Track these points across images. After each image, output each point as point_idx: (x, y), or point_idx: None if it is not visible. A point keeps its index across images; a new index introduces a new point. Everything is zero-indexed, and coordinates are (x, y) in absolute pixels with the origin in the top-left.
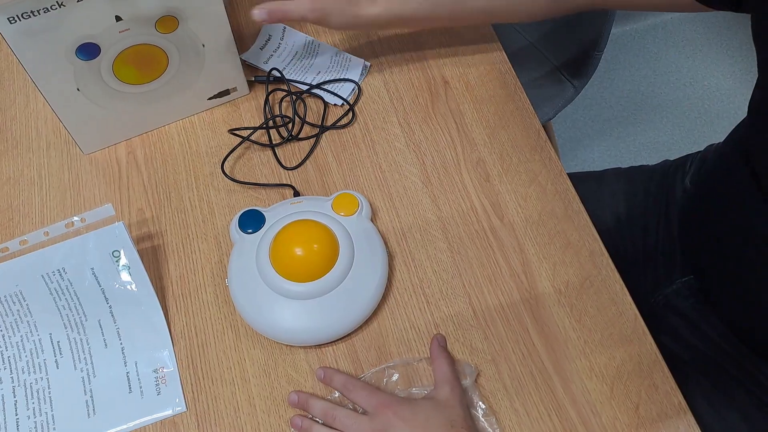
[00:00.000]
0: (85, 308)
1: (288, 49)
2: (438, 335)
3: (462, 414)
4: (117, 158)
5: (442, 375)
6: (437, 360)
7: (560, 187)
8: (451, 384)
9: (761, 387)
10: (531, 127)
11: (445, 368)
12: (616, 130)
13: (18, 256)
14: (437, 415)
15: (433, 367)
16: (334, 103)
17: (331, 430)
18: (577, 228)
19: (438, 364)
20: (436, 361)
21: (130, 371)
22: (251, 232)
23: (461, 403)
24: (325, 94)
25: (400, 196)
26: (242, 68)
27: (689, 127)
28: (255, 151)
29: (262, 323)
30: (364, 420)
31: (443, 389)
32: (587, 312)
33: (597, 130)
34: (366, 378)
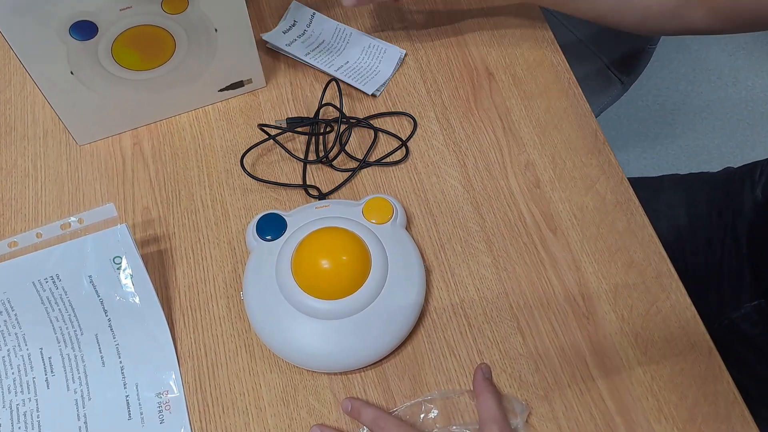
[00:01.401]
0: (81, 321)
1: (315, 36)
2: (482, 365)
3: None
4: (121, 150)
5: (488, 413)
6: (482, 395)
7: (622, 196)
8: (498, 424)
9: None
10: (587, 126)
11: (492, 405)
12: (652, 132)
13: (7, 260)
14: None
15: (478, 402)
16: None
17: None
18: (642, 244)
19: (483, 399)
20: (480, 396)
21: (129, 394)
22: (270, 239)
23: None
24: (378, 124)
25: (438, 202)
26: (259, 57)
27: (731, 131)
28: (276, 147)
29: (281, 344)
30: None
31: (489, 429)
32: (654, 342)
33: (632, 131)
34: (399, 413)
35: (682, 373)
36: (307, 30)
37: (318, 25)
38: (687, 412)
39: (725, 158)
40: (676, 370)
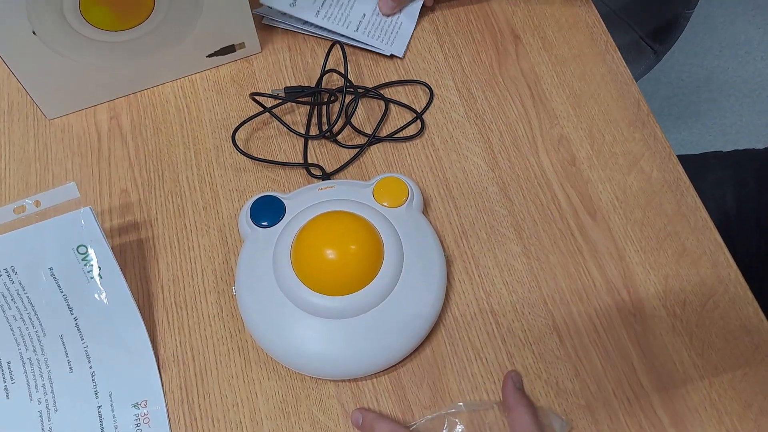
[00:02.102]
0: (43, 320)
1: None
2: (513, 373)
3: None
4: (96, 125)
5: (522, 430)
6: (515, 409)
7: (670, 175)
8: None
9: None
10: (628, 95)
11: (526, 420)
12: (676, 110)
13: None
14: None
15: (510, 417)
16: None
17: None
18: (694, 230)
19: (516, 414)
20: (513, 410)
21: (102, 405)
22: (267, 225)
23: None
24: (389, 95)
25: (458, 183)
26: (253, 18)
27: (760, 109)
28: (272, 121)
29: (279, 347)
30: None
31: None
32: (712, 343)
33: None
34: (418, 427)
35: (745, 378)
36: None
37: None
38: (752, 424)
39: (755, 136)
40: (738, 375)
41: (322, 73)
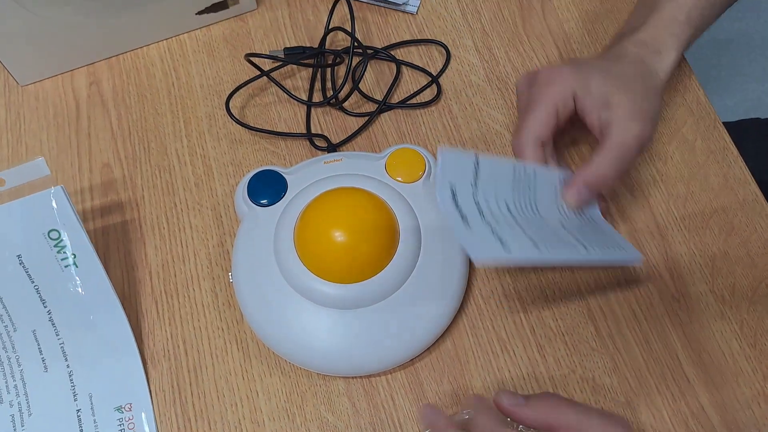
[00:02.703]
0: (12, 313)
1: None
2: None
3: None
4: (74, 91)
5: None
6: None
7: (716, 144)
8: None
9: None
10: None
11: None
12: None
13: None
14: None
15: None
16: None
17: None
18: (743, 205)
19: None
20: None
21: (82, 409)
22: (267, 203)
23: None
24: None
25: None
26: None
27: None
28: (271, 86)
29: (282, 340)
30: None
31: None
32: (766, 332)
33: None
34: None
35: None
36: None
37: None
38: None
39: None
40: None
41: (325, 32)
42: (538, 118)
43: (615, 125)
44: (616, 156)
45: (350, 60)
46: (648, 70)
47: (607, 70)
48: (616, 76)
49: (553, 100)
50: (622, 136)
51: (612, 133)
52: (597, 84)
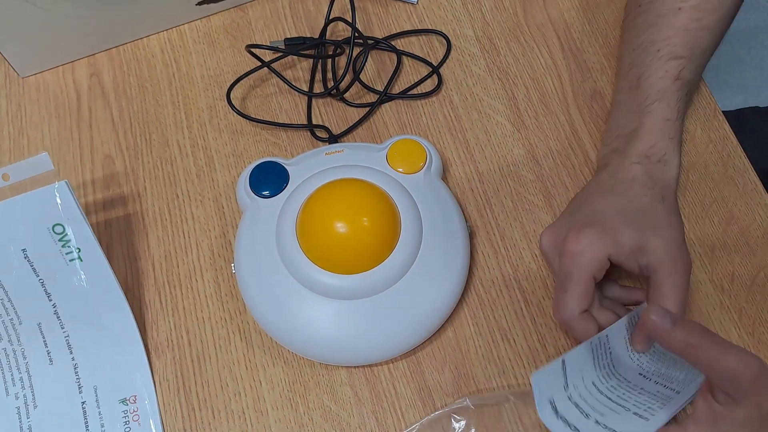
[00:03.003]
0: (18, 307)
1: None
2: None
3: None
4: (75, 83)
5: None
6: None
7: (715, 133)
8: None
9: None
10: None
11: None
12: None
13: None
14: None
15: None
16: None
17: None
18: (743, 194)
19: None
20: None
21: (87, 401)
22: (268, 195)
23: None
24: (402, 46)
25: (481, 145)
26: None
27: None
28: (272, 77)
29: (285, 331)
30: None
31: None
32: (764, 320)
33: None
34: (436, 419)
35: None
36: None
37: None
38: None
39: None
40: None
41: (326, 22)
42: (578, 293)
43: (659, 271)
44: (674, 298)
45: (351, 50)
46: (661, 188)
47: (629, 215)
48: (638, 215)
49: (590, 272)
50: (670, 279)
51: (661, 278)
52: (626, 237)
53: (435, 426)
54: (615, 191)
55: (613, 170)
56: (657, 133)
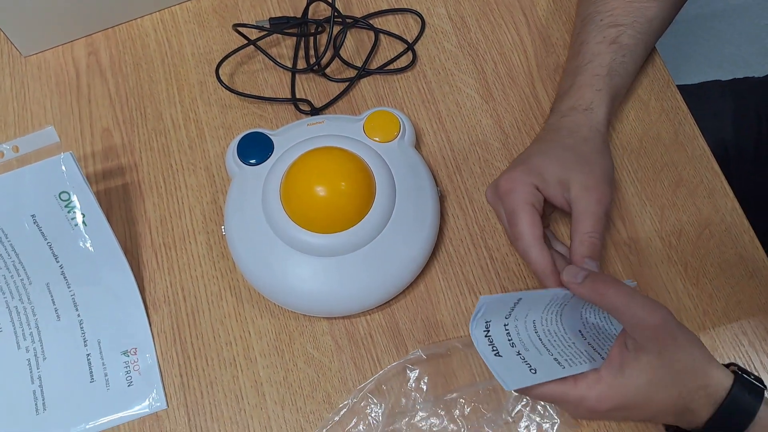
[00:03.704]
0: (28, 268)
1: None
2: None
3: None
4: (74, 61)
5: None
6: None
7: (668, 103)
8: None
9: None
10: None
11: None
12: (672, 39)
13: None
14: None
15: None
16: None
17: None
18: (692, 158)
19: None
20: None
21: (91, 353)
22: (255, 163)
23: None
24: (379, 25)
25: (452, 116)
26: None
27: (756, 36)
28: (258, 54)
29: (271, 286)
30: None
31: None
32: (707, 272)
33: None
34: (380, 378)
35: (739, 306)
36: None
37: None
38: (744, 351)
39: (753, 66)
40: (732, 302)
41: (308, 3)
42: (525, 222)
43: (577, 201)
44: (590, 225)
45: (331, 29)
46: (587, 131)
47: (552, 154)
48: (561, 155)
49: (525, 202)
50: (587, 208)
51: (578, 207)
52: (549, 172)
53: (392, 376)
54: (544, 139)
55: (546, 125)
56: (585, 87)
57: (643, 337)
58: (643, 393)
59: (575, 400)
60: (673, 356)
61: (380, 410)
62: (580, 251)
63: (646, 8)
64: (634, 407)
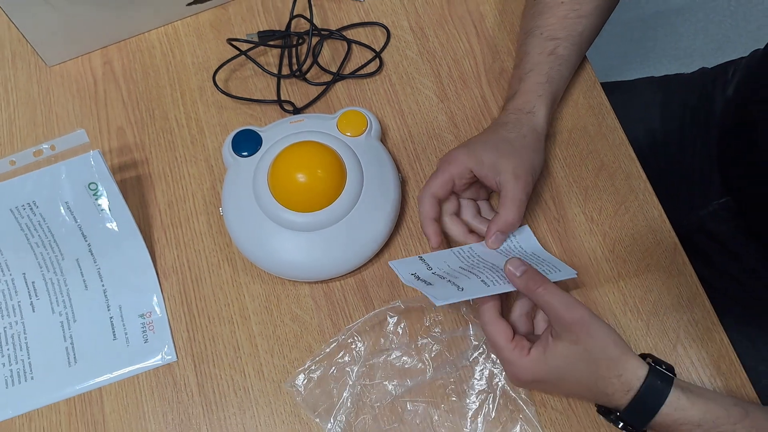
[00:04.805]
0: (61, 246)
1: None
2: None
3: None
4: (92, 69)
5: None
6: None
7: (594, 100)
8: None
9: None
10: None
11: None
12: (635, 34)
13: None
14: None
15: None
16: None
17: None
18: (612, 147)
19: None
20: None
21: (113, 316)
22: (246, 155)
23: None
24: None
25: (412, 113)
26: None
27: (713, 32)
28: (248, 62)
29: (261, 257)
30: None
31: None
32: (621, 240)
33: (613, 34)
34: (364, 323)
35: (648, 268)
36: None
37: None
38: (651, 305)
39: (706, 59)
40: (642, 266)
41: (290, 18)
42: (435, 182)
43: (505, 185)
44: (512, 207)
45: (310, 40)
46: (527, 130)
47: (493, 142)
48: (500, 145)
49: (450, 173)
50: (513, 192)
51: (506, 191)
52: (487, 157)
53: (375, 321)
54: (491, 129)
55: (496, 119)
56: (529, 93)
57: (560, 328)
58: (557, 373)
59: (507, 360)
60: (587, 347)
61: (363, 347)
62: (495, 226)
63: (577, 24)
64: (550, 383)
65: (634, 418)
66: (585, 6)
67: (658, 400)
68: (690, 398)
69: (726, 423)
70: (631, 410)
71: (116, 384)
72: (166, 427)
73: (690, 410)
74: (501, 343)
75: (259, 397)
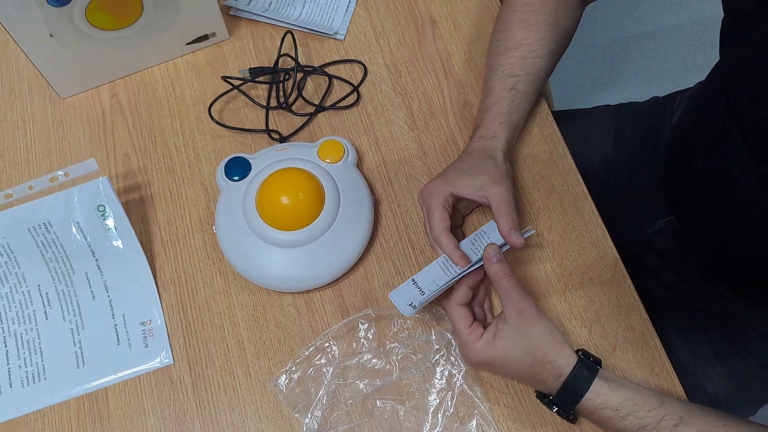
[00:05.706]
0: (72, 261)
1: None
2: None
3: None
4: (101, 102)
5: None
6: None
7: (546, 130)
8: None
9: (734, 324)
10: None
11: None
12: (608, 59)
13: (4, 209)
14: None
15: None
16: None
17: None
18: (562, 172)
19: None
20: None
21: (118, 323)
22: (237, 179)
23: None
24: (332, 72)
25: (386, 141)
26: (221, 12)
27: (683, 56)
28: (241, 95)
29: (249, 271)
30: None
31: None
32: (569, 256)
33: (587, 58)
34: (338, 329)
35: (591, 281)
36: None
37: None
38: (593, 314)
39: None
40: (585, 278)
41: (278, 57)
42: (437, 217)
43: (490, 194)
44: (507, 208)
45: (295, 76)
46: (491, 153)
47: (465, 168)
48: (471, 167)
49: (439, 204)
50: (499, 197)
51: (492, 198)
52: (461, 179)
53: (348, 328)
54: (462, 158)
55: (465, 148)
56: (491, 122)
57: (510, 314)
58: (502, 356)
59: (463, 343)
60: (529, 332)
61: (338, 350)
62: (506, 226)
63: (535, 63)
64: (496, 365)
65: (564, 401)
66: (541, 49)
67: (583, 386)
68: (612, 387)
69: (641, 409)
70: (561, 394)
71: (120, 384)
72: (164, 422)
73: (610, 397)
74: (460, 326)
75: (246, 396)
